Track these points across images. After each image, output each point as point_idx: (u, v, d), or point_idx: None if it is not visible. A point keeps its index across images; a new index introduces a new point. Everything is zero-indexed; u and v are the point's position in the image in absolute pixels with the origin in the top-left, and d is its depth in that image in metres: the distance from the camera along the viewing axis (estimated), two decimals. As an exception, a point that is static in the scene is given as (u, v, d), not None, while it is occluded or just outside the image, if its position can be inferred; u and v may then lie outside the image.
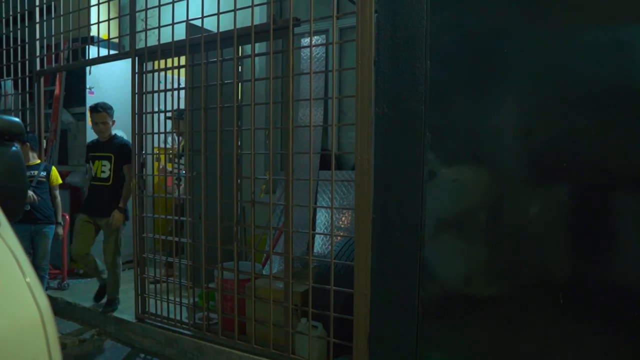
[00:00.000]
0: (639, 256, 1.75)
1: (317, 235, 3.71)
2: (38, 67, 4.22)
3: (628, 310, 1.77)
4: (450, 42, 2.10)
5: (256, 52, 2.81)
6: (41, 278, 3.59)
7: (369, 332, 2.30)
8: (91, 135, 4.64)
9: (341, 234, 3.45)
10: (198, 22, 2.94)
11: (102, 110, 3.51)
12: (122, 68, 4.36)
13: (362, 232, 2.29)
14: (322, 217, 3.83)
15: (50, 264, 4.00)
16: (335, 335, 2.47)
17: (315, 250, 3.67)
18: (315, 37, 3.91)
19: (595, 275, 1.84)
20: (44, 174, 3.77)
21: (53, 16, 4.10)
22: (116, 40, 4.04)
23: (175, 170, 3.90)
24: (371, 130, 2.26)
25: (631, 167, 1.77)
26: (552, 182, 1.92)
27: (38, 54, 4.21)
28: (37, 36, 4.16)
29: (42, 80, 4.26)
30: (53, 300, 3.77)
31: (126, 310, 3.49)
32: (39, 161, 3.86)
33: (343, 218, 3.70)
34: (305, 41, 3.84)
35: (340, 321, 2.45)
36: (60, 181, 3.94)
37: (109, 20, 3.64)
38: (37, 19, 4.16)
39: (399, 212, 2.18)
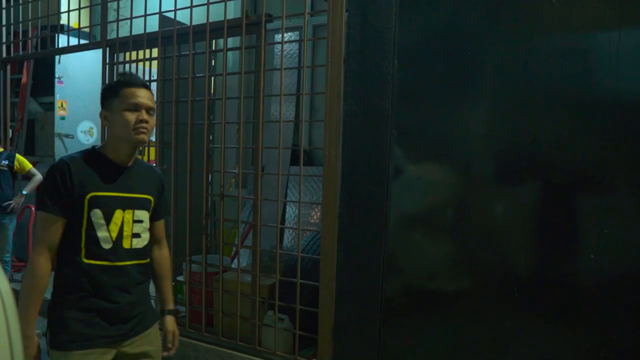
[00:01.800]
0: (587, 253, 1.84)
1: (287, 230, 3.75)
2: (4, 54, 4.12)
3: (578, 303, 1.87)
4: (418, 43, 2.16)
5: (231, 46, 2.82)
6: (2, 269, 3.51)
7: (334, 325, 2.35)
8: (63, 127, 4.58)
9: (310, 228, 3.50)
10: (171, 15, 2.93)
11: (146, 88, 1.57)
12: (93, 58, 4.30)
13: (329, 227, 2.34)
14: (293, 211, 3.86)
15: (15, 256, 3.93)
16: (302, 328, 2.51)
17: (285, 245, 3.71)
18: (290, 33, 3.94)
19: (548, 270, 1.93)
20: (5, 162, 3.69)
21: (21, 2, 4.01)
22: (87, 30, 3.98)
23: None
24: (339, 127, 2.31)
25: (586, 167, 1.87)
26: (511, 181, 2.00)
27: (5, 40, 4.10)
28: (4, 22, 4.06)
29: (7, 67, 4.15)
30: (17, 294, 3.68)
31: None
32: (1, 149, 3.78)
33: (313, 213, 3.74)
34: (279, 37, 3.86)
35: (307, 314, 2.50)
36: (29, 165, 3.86)
37: (79, 9, 3.58)
38: (4, 5, 4.05)
39: (365, 208, 2.24)
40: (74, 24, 4.18)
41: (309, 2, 3.30)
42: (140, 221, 1.58)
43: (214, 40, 2.97)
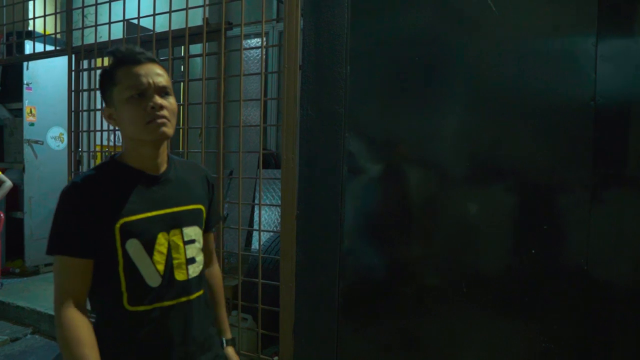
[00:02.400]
0: (529, 248, 1.95)
1: (255, 232, 3.81)
2: (-29, 61, 4.11)
3: (520, 296, 1.97)
4: (369, 49, 2.25)
5: (201, 53, 2.88)
6: None
7: (294, 323, 2.42)
8: (33, 133, 4.56)
9: (271, 230, 3.56)
10: (136, 22, 2.98)
11: (152, 62, 1.18)
12: (62, 64, 4.30)
13: (288, 228, 2.41)
14: (262, 214, 3.93)
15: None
16: (266, 327, 2.57)
17: (254, 246, 3.77)
18: (257, 39, 4.00)
19: (492, 266, 2.03)
20: (-26, 170, 3.69)
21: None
22: (56, 36, 3.99)
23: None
24: (297, 131, 2.39)
25: (523, 170, 1.97)
26: (459, 180, 2.10)
27: (-29, 47, 4.10)
28: (-30, 29, 4.05)
29: (-25, 74, 4.14)
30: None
31: (61, 308, 3.47)
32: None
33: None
34: (248, 42, 3.93)
35: (270, 313, 2.57)
36: None
37: (44, 16, 3.59)
38: (-30, 12, 4.05)
39: (321, 208, 2.32)
40: (45, 30, 4.19)
41: (274, 10, 3.38)
42: (192, 241, 1.21)
43: (182, 47, 3.03)
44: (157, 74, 1.13)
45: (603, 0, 1.81)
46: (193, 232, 1.21)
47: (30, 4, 4.05)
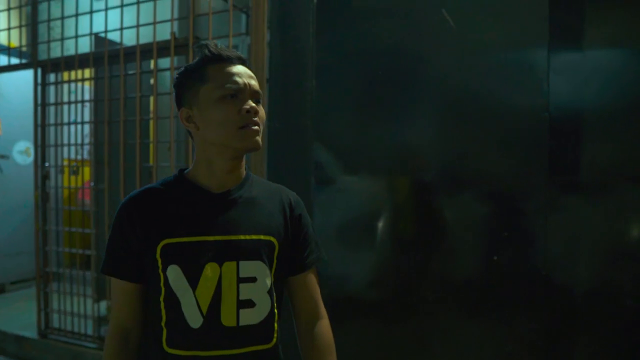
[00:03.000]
0: (490, 255, 2.01)
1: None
2: None
3: (487, 301, 2.03)
4: (333, 62, 2.30)
5: (170, 67, 2.88)
6: None
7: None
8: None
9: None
10: (104, 35, 2.97)
11: (244, 64, 1.05)
12: (28, 77, 4.23)
13: (258, 239, 2.42)
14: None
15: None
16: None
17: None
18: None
19: (457, 273, 2.09)
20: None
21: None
22: (22, 49, 3.93)
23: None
24: (265, 143, 2.41)
25: (486, 178, 2.05)
26: (426, 191, 2.16)
27: None
28: None
29: (-64, 89, 4.04)
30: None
31: (27, 327, 3.39)
32: None
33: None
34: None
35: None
36: None
37: (9, 29, 3.54)
38: None
39: (291, 220, 2.34)
40: (10, 43, 4.12)
41: (242, 24, 3.42)
42: (252, 279, 0.98)
43: (151, 61, 3.03)
44: (250, 77, 1.01)
45: (553, 15, 1.91)
46: (254, 268, 0.98)
47: (-5, 17, 3.98)
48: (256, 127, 0.97)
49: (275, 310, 1.05)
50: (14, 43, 3.59)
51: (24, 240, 4.42)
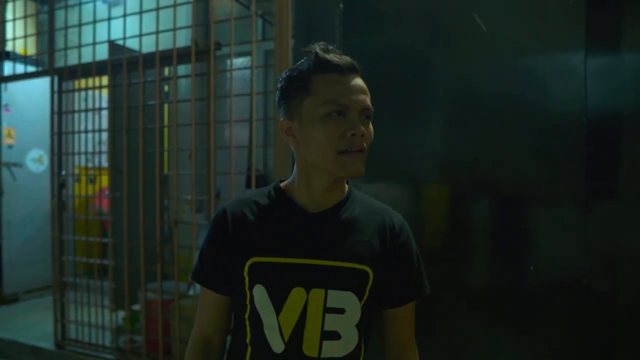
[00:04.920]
0: (525, 265, 1.95)
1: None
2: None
3: (523, 313, 1.97)
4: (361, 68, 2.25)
5: (187, 73, 2.85)
6: None
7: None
8: (11, 156, 4.44)
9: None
10: (121, 42, 2.94)
11: (358, 74, 0.99)
12: (42, 84, 4.21)
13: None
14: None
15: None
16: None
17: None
18: (242, 58, 3.99)
19: (488, 283, 2.03)
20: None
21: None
22: (38, 57, 3.92)
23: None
24: (289, 151, 2.36)
25: (517, 184, 1.99)
26: (454, 200, 2.10)
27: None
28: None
29: (-49, 97, 4.03)
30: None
31: (43, 337, 3.34)
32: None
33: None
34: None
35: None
36: None
37: (25, 37, 3.52)
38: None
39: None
40: (21, 50, 4.11)
41: (259, 29, 3.39)
42: (340, 310, 0.90)
43: (167, 67, 2.99)
44: (362, 91, 0.92)
45: (590, 17, 1.86)
46: (343, 298, 0.90)
47: (9, 24, 3.96)
48: (359, 154, 0.89)
49: (363, 345, 0.96)
50: (29, 51, 3.57)
51: (38, 249, 4.39)
